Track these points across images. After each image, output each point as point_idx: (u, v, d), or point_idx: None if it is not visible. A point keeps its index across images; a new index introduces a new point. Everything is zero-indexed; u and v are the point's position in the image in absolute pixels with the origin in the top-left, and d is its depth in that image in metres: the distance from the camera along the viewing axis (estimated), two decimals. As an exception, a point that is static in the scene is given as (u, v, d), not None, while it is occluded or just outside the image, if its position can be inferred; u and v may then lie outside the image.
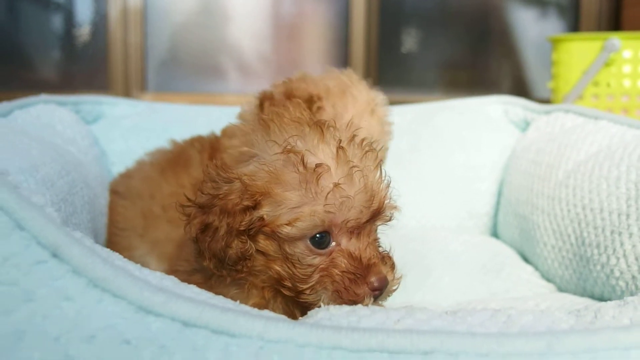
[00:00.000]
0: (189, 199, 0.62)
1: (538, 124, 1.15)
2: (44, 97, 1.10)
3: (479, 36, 3.35)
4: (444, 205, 1.20)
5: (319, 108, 0.86)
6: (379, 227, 0.64)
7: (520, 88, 3.39)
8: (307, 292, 0.57)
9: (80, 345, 0.38)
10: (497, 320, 0.47)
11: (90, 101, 1.18)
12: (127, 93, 3.27)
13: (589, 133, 0.99)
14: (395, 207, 0.61)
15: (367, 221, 0.58)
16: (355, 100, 0.88)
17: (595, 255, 0.83)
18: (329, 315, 0.46)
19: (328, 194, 0.54)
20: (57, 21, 3.23)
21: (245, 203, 0.56)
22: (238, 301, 0.52)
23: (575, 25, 3.27)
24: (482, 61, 3.40)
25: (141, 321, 0.40)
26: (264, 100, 0.87)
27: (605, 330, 0.43)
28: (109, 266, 0.41)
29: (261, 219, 0.56)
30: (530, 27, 3.29)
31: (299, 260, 0.57)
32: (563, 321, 0.47)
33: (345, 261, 0.57)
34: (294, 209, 0.55)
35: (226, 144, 0.89)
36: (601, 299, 0.84)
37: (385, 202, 0.59)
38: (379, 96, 0.93)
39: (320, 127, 0.58)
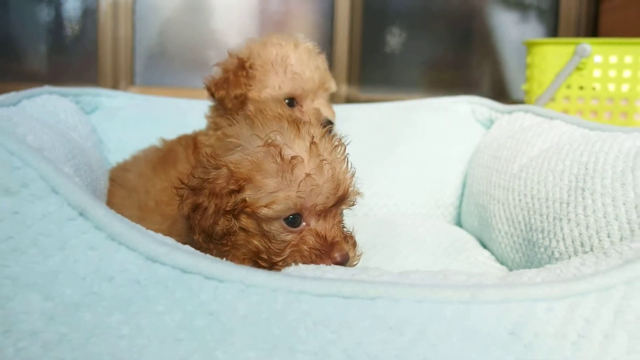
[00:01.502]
0: (182, 182, 0.73)
1: (500, 123, 1.28)
2: (47, 88, 1.20)
3: (461, 38, 3.48)
4: (415, 194, 1.32)
5: (252, 65, 0.99)
6: (356, 213, 0.76)
7: (500, 89, 3.52)
8: (280, 263, 0.69)
9: (102, 284, 0.50)
10: (435, 277, 0.59)
11: (90, 93, 1.29)
12: (115, 87, 3.37)
13: (544, 131, 1.11)
14: (358, 194, 0.73)
15: (333, 205, 0.70)
16: (278, 44, 1.00)
17: (540, 240, 0.96)
18: (298, 270, 0.58)
19: (300, 182, 0.67)
20: (46, 14, 3.31)
21: (231, 187, 0.68)
22: None
23: (554, 28, 3.41)
24: (463, 62, 3.53)
25: (149, 267, 0.51)
26: (210, 88, 1.01)
27: (519, 285, 0.56)
28: (124, 224, 0.53)
29: (244, 200, 0.68)
30: (511, 30, 3.43)
31: (274, 237, 0.69)
32: (489, 280, 0.59)
33: (313, 239, 0.69)
34: (272, 194, 0.67)
35: (202, 139, 1.04)
36: (544, 277, 0.96)
37: (350, 189, 0.71)
38: (300, 36, 1.05)
39: (297, 124, 0.69)
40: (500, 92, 3.51)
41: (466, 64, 3.54)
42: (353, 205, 0.75)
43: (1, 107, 0.98)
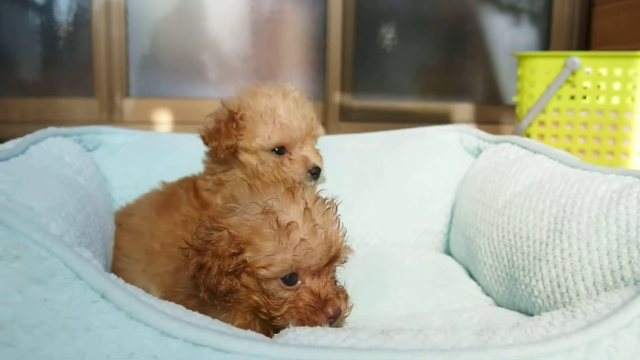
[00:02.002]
0: (187, 243, 0.82)
1: (487, 154, 1.36)
2: (51, 130, 1.28)
3: (453, 42, 3.56)
4: (403, 223, 1.41)
5: (243, 116, 1.07)
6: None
7: (492, 94, 3.61)
8: (278, 318, 0.77)
9: (124, 360, 0.58)
10: (417, 339, 0.67)
11: (92, 131, 1.37)
12: (110, 99, 3.45)
13: (527, 166, 1.20)
14: (349, 251, 0.81)
15: (326, 264, 0.77)
16: (267, 94, 1.08)
17: (521, 277, 1.05)
18: (294, 335, 0.66)
19: (296, 246, 0.74)
20: (39, 24, 3.37)
21: (232, 250, 0.76)
22: (228, 323, 0.72)
23: (547, 32, 3.49)
24: (456, 67, 3.61)
25: (164, 342, 0.60)
26: (204, 138, 1.11)
27: (492, 348, 0.64)
28: (140, 303, 0.61)
29: (244, 261, 0.76)
30: (504, 34, 3.51)
31: (273, 294, 0.78)
32: (465, 340, 0.67)
33: (308, 296, 0.77)
34: (269, 256, 0.75)
35: (201, 183, 1.13)
36: (526, 312, 1.05)
37: (341, 249, 0.79)
38: (289, 85, 1.13)
39: (292, 191, 0.77)
40: (493, 97, 3.60)
41: (459, 69, 3.61)
42: (345, 262, 0.82)
43: (13, 158, 1.06)
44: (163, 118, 3.53)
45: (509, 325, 0.72)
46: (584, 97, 2.27)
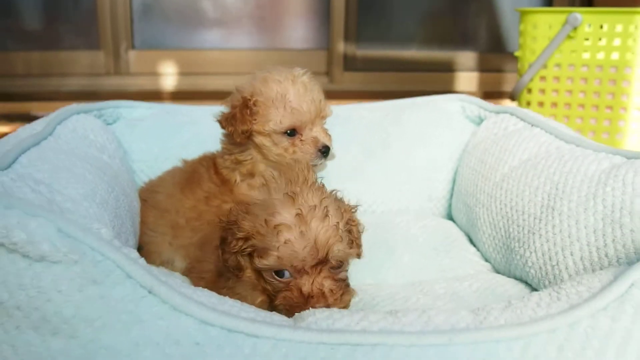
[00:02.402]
0: (220, 219, 0.94)
1: (487, 124, 1.44)
2: (74, 106, 1.36)
3: (457, -8, 3.57)
4: (408, 191, 1.51)
5: (256, 102, 1.15)
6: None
7: (496, 42, 3.63)
8: (277, 305, 0.89)
9: (171, 346, 0.68)
10: (420, 320, 0.77)
11: (111, 106, 1.45)
12: (116, 51, 3.49)
13: (524, 140, 1.28)
14: (344, 256, 0.90)
15: (315, 265, 0.87)
16: (277, 80, 1.16)
17: (516, 248, 1.15)
18: (314, 319, 0.76)
19: (279, 246, 0.85)
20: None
21: (240, 235, 0.88)
22: (254, 298, 0.84)
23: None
24: (459, 15, 3.62)
25: (204, 330, 0.70)
26: (221, 122, 1.19)
27: (485, 329, 0.74)
28: (181, 296, 0.71)
29: (252, 246, 0.89)
30: (508, -18, 3.52)
31: (269, 282, 0.90)
32: (463, 320, 0.77)
33: (294, 292, 0.88)
34: (264, 249, 0.87)
35: (220, 162, 1.23)
36: (521, 279, 1.16)
37: (330, 255, 0.87)
38: (297, 70, 1.20)
39: (292, 197, 0.87)
40: (496, 45, 3.63)
41: (462, 17, 3.63)
42: (339, 266, 0.91)
43: (43, 141, 1.14)
44: (168, 69, 3.58)
45: (502, 305, 0.82)
46: (585, 52, 2.32)
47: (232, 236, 0.91)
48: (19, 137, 1.16)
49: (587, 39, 2.30)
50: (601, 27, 2.26)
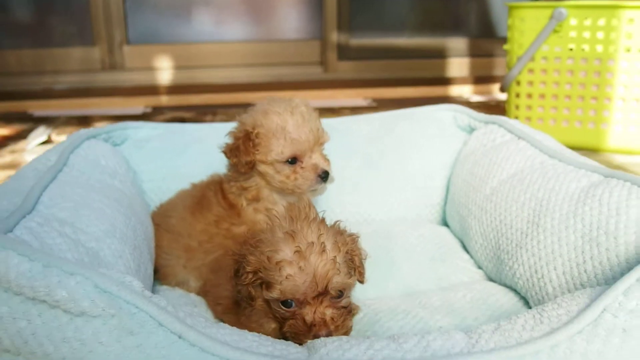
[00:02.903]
0: (234, 252, 1.04)
1: (477, 134, 1.53)
2: (83, 132, 1.44)
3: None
4: (405, 199, 1.60)
5: (257, 134, 1.24)
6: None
7: (486, 27, 3.70)
8: (285, 332, 0.99)
9: (201, 385, 0.78)
10: (420, 345, 0.86)
11: (119, 128, 1.53)
12: (110, 47, 3.54)
13: (511, 154, 1.37)
14: (342, 288, 0.99)
15: (316, 296, 0.96)
16: (277, 112, 1.25)
17: (506, 260, 1.24)
18: (326, 350, 0.86)
19: (282, 280, 0.95)
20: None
21: (249, 269, 0.98)
22: (267, 325, 0.95)
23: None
24: (450, 1, 3.68)
25: (229, 368, 0.80)
26: (226, 153, 1.28)
27: (476, 353, 0.84)
28: (208, 338, 0.80)
29: (260, 278, 0.98)
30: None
31: (277, 311, 1.00)
32: (457, 344, 0.87)
33: (298, 321, 0.97)
34: (269, 282, 0.97)
35: (226, 187, 1.32)
36: (511, 288, 1.26)
37: (330, 287, 0.96)
38: (296, 101, 1.29)
39: (291, 235, 0.96)
40: (487, 30, 3.69)
41: (453, 3, 3.69)
42: (340, 296, 1.00)
43: (60, 174, 1.22)
44: (163, 63, 3.64)
45: (492, 327, 0.91)
46: (570, 45, 2.40)
47: (243, 269, 1.01)
48: (35, 168, 1.24)
49: (572, 32, 2.38)
50: (585, 20, 2.34)
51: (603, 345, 0.82)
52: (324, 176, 1.25)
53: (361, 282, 1.06)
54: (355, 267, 1.04)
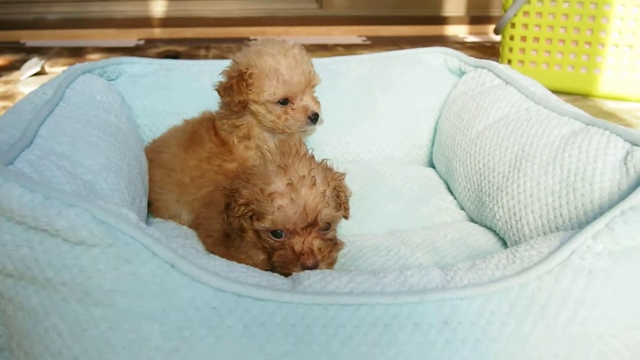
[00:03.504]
0: (224, 186, 1.09)
1: (466, 78, 1.56)
2: (79, 67, 1.46)
3: None
4: (393, 140, 1.65)
5: (251, 74, 1.28)
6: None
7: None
8: (274, 262, 1.04)
9: (193, 311, 0.84)
10: (398, 280, 0.92)
11: (113, 63, 1.55)
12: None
13: (498, 99, 1.41)
14: (330, 220, 1.04)
15: (305, 227, 1.02)
16: (271, 54, 1.28)
17: (487, 202, 1.30)
18: (310, 282, 0.92)
19: (273, 211, 1.00)
20: None
21: (241, 201, 1.03)
22: (257, 255, 1.01)
23: None
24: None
25: (218, 296, 0.85)
26: (219, 91, 1.31)
27: (451, 289, 0.90)
28: (199, 268, 0.86)
29: (252, 210, 1.03)
30: None
31: (266, 241, 1.05)
32: (434, 280, 0.93)
33: (287, 250, 1.03)
34: (261, 213, 1.02)
35: (218, 125, 1.36)
36: (491, 228, 1.32)
37: (319, 218, 1.02)
38: (291, 42, 1.33)
39: (283, 169, 1.00)
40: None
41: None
42: (327, 228, 1.06)
43: (56, 108, 1.25)
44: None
45: (467, 265, 0.97)
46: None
47: (235, 202, 1.06)
48: (32, 102, 1.27)
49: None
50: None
51: (569, 285, 0.88)
52: (314, 118, 1.29)
53: (346, 217, 1.12)
54: (341, 202, 1.10)
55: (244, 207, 1.05)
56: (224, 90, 1.28)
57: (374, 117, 1.65)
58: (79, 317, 0.83)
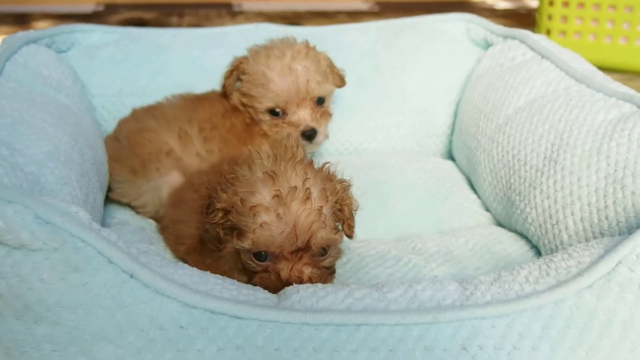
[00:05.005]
0: (208, 189, 1.07)
1: (493, 52, 1.56)
2: (21, 34, 1.46)
3: None
4: (404, 126, 1.65)
5: (244, 77, 1.34)
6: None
7: None
8: (253, 283, 1.02)
9: (156, 331, 0.84)
10: (407, 295, 0.93)
11: (64, 31, 1.55)
12: None
13: (531, 76, 1.40)
14: (326, 244, 1.01)
15: (294, 252, 0.99)
16: (265, 56, 1.32)
17: (517, 201, 1.30)
18: (298, 297, 0.92)
19: (255, 229, 0.96)
20: None
21: (218, 206, 1.01)
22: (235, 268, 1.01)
23: None
24: None
25: (187, 312, 0.85)
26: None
27: (470, 306, 0.90)
28: (164, 279, 0.86)
29: (229, 222, 1.01)
30: None
31: (247, 262, 1.02)
32: (449, 296, 0.93)
33: (272, 276, 1.00)
34: (241, 229, 0.99)
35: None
36: (522, 234, 1.32)
37: (313, 242, 0.98)
38: (297, 45, 1.36)
39: (272, 176, 0.97)
40: None
41: None
42: (324, 254, 1.03)
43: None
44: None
45: (491, 277, 0.97)
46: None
47: (213, 205, 1.03)
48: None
49: None
50: None
51: (615, 303, 0.87)
52: (309, 134, 1.31)
53: (349, 236, 1.09)
54: (344, 218, 1.06)
55: (222, 214, 1.02)
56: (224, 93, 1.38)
57: (380, 98, 1.64)
58: (17, 336, 0.84)
